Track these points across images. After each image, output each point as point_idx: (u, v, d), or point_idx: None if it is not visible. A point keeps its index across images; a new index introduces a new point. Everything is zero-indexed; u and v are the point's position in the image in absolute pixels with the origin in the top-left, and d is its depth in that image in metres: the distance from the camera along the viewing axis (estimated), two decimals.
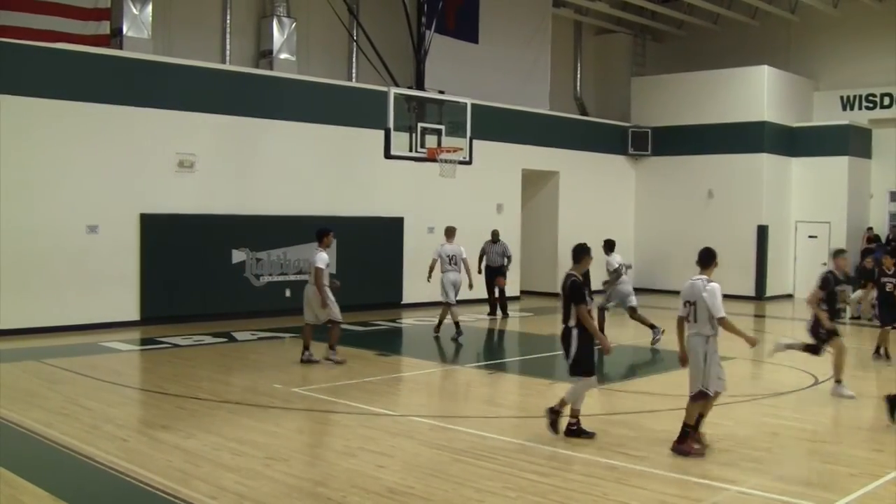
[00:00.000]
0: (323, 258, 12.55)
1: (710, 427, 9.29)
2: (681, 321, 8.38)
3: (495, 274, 19.70)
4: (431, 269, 16.44)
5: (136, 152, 16.37)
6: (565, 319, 8.71)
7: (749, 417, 9.90)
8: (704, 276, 8.31)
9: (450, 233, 16.61)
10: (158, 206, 16.60)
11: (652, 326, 15.29)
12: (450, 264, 16.04)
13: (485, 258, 19.70)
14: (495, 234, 20.05)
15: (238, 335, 15.62)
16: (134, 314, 16.38)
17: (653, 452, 8.18)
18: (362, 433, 8.85)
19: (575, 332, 8.61)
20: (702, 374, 8.11)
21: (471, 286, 17.00)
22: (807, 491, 7.07)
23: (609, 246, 15.91)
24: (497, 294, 19.84)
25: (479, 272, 19.28)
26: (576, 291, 8.57)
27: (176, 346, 14.41)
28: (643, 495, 6.89)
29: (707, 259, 8.47)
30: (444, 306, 16.00)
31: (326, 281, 12.62)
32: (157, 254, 16.50)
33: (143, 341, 15.00)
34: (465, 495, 6.88)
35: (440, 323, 16.19)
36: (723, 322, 8.06)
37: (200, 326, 16.25)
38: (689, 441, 8.11)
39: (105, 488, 7.25)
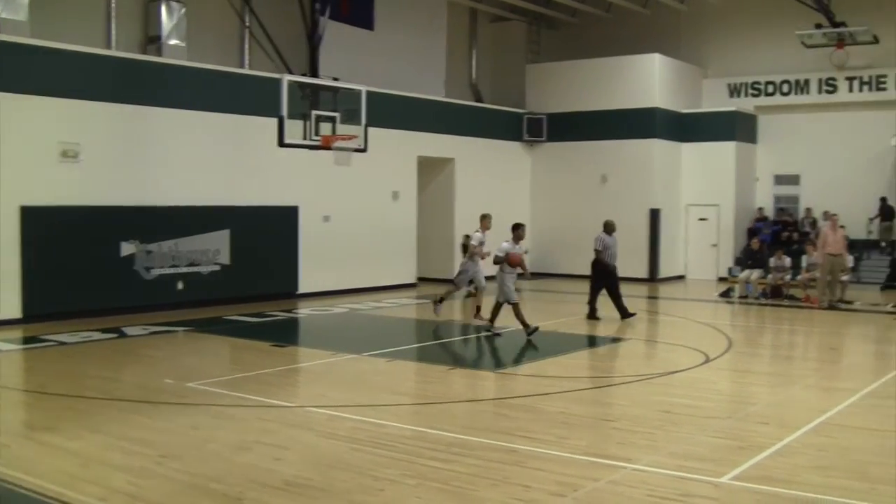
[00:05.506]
0: None
1: (606, 408, 9.45)
2: None
3: (613, 271, 16.34)
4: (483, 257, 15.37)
5: (14, 141, 15.59)
6: None
7: (643, 397, 10.10)
8: None
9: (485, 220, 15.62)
10: (40, 198, 15.87)
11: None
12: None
13: (604, 253, 15.81)
14: (610, 226, 15.95)
15: (128, 330, 15.12)
16: (16, 312, 15.63)
17: (550, 434, 8.25)
18: (258, 426, 8.67)
19: None
20: None
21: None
22: (698, 465, 7.24)
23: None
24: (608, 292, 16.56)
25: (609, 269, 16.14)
26: None
27: (62, 343, 13.84)
28: (543, 477, 6.94)
29: None
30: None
31: None
32: (40, 248, 15.78)
33: (26, 340, 14.30)
34: (364, 484, 6.80)
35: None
36: None
37: (88, 322, 15.65)
38: None
39: None
